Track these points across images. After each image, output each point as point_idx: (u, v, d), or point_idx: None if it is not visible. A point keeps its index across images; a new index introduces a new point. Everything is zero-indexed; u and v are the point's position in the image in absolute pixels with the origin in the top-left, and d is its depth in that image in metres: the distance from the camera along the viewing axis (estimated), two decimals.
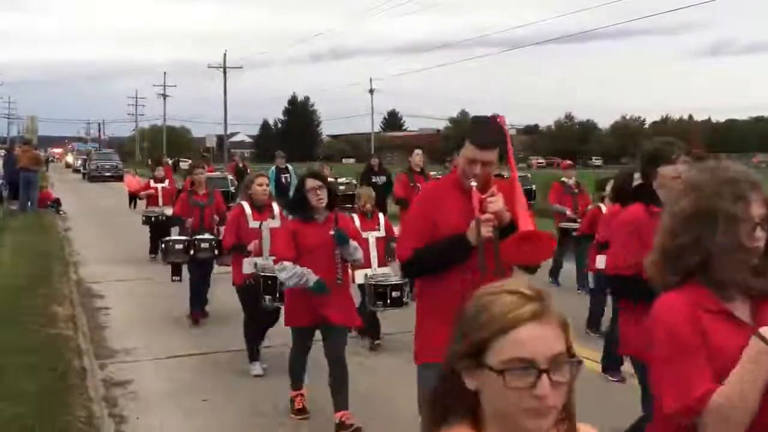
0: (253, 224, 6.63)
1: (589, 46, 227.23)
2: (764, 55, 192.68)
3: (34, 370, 6.14)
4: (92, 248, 14.68)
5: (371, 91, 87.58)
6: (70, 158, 77.76)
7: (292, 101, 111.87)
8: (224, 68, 62.36)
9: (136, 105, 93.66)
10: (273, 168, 16.03)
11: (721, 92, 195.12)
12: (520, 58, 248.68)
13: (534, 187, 18.65)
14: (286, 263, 5.01)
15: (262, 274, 6.22)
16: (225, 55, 62.51)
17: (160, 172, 13.46)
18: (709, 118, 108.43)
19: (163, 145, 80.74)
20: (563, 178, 10.89)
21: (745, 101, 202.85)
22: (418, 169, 11.12)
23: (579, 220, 9.47)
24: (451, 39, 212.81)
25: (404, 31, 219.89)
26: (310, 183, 5.17)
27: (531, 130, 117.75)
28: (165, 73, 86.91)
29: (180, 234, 8.84)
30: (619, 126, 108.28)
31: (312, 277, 4.94)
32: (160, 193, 13.16)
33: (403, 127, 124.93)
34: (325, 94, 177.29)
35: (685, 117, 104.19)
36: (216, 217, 8.69)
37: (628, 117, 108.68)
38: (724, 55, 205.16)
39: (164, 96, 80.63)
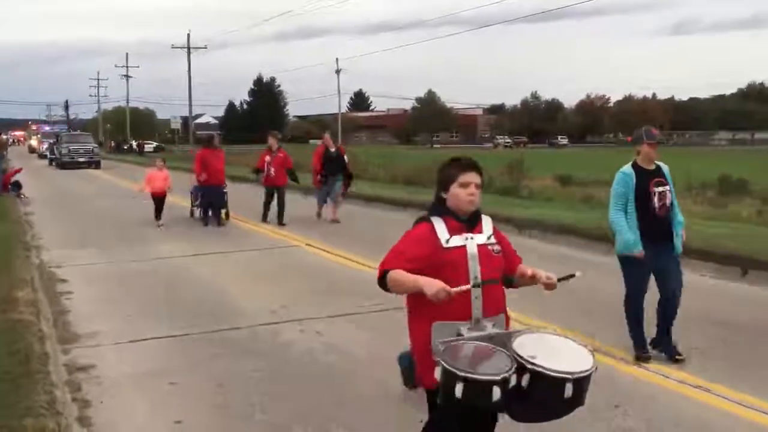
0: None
1: (556, 26, 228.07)
2: (727, 34, 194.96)
3: None
4: (55, 233, 14.44)
5: (338, 71, 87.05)
6: (34, 141, 73.92)
7: (258, 82, 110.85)
8: (188, 48, 61.76)
9: (98, 86, 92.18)
10: None
11: (684, 70, 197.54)
12: (486, 38, 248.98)
13: None
14: None
15: None
16: (189, 35, 61.92)
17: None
18: (672, 97, 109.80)
19: (127, 127, 79.68)
20: None
21: (707, 79, 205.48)
22: None
23: None
24: (419, 18, 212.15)
25: (371, 10, 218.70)
26: None
27: (497, 109, 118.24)
28: (127, 53, 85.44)
29: None
30: (584, 105, 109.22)
31: None
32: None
33: (371, 108, 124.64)
34: (291, 74, 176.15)
35: (649, 95, 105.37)
36: None
37: (593, 96, 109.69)
38: (688, 34, 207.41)
39: (127, 77, 79.51)
